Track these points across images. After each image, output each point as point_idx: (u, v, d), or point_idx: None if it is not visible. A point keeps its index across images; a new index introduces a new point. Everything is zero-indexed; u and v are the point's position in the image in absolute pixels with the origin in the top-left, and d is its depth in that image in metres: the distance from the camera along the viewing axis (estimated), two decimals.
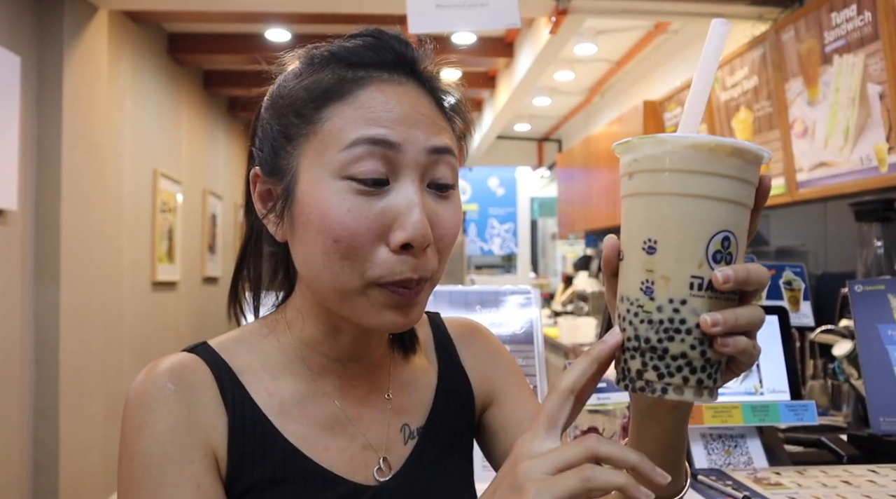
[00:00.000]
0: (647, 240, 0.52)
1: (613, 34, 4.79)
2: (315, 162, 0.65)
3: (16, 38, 3.07)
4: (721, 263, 0.51)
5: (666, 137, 0.52)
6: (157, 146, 4.67)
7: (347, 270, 0.64)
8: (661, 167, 0.52)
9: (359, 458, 0.71)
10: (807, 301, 1.50)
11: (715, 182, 0.51)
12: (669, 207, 0.52)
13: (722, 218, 0.51)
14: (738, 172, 0.51)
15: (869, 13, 2.59)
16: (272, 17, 4.26)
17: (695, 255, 0.51)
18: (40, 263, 3.26)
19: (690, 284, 0.51)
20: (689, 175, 0.51)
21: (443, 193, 0.68)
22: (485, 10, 1.51)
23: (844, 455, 1.37)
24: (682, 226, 0.51)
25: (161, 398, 0.66)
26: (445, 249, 0.69)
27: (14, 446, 3.09)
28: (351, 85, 0.67)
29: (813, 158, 3.00)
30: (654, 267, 0.52)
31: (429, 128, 0.67)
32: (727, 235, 0.52)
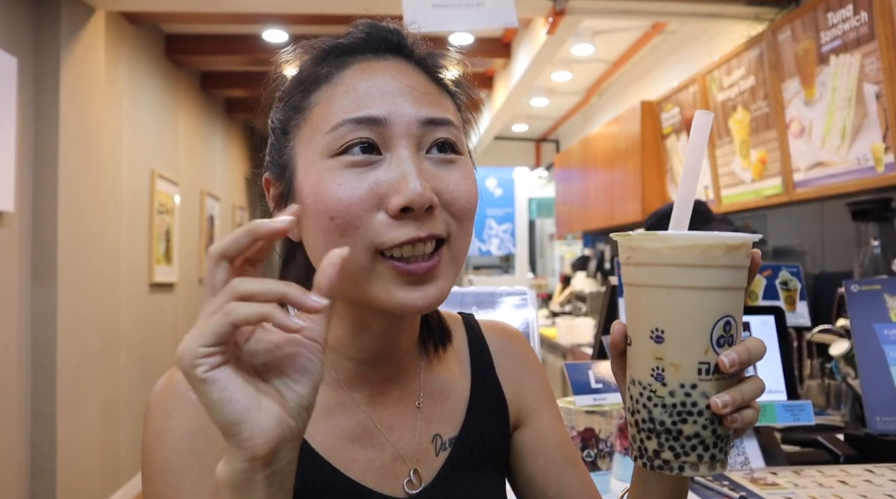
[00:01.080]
0: (655, 329, 0.56)
1: (611, 35, 4.80)
2: (307, 148, 0.65)
3: (12, 39, 3.07)
4: (724, 346, 0.56)
5: (667, 236, 0.56)
6: (154, 147, 4.67)
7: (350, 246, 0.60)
8: (662, 262, 0.56)
9: (388, 469, 0.69)
10: (803, 301, 1.50)
11: (713, 274, 0.55)
12: (674, 299, 0.55)
13: (722, 305, 0.56)
14: (733, 262, 0.56)
15: (865, 13, 2.59)
16: (269, 19, 4.26)
17: (700, 342, 0.55)
18: (37, 264, 3.25)
19: (699, 370, 0.55)
20: (690, 269, 0.55)
21: (446, 156, 0.65)
22: (481, 10, 1.51)
23: (841, 455, 1.37)
24: (686, 317, 0.55)
25: (180, 406, 0.64)
26: (462, 214, 0.65)
27: (11, 449, 3.08)
28: (335, 69, 0.66)
29: (810, 158, 3.01)
30: (663, 355, 0.56)
31: (418, 99, 0.65)
32: (728, 319, 0.56)
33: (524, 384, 0.82)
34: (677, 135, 4.30)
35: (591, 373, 1.30)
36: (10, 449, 3.08)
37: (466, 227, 0.66)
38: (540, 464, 0.79)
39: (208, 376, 0.47)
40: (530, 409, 0.82)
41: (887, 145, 2.56)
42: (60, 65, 3.30)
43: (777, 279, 1.50)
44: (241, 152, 7.00)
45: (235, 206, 6.78)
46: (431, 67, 0.70)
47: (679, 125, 4.26)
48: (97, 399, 3.71)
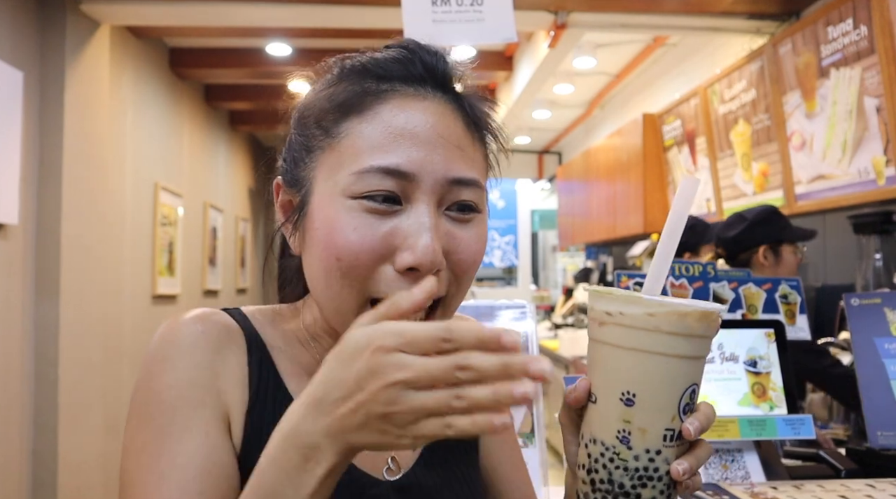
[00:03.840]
0: (626, 392, 0.55)
1: (612, 48, 4.82)
2: (329, 177, 0.64)
3: (18, 53, 3.10)
4: (688, 413, 0.56)
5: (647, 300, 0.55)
6: (158, 160, 4.69)
7: (347, 289, 0.62)
8: (639, 326, 0.55)
9: (368, 456, 0.70)
10: (803, 314, 1.50)
11: (689, 343, 0.55)
12: (649, 364, 0.55)
13: (691, 373, 0.56)
14: (705, 332, 0.56)
15: (865, 27, 2.61)
16: (273, 32, 4.29)
17: (670, 409, 0.55)
18: (40, 277, 3.26)
19: (664, 436, 0.55)
20: (669, 336, 0.54)
21: (463, 215, 0.65)
22: (481, 26, 1.52)
23: (843, 469, 1.37)
24: (661, 383, 0.55)
25: (190, 337, 0.65)
26: (464, 274, 0.65)
27: (13, 461, 3.08)
28: (372, 99, 0.64)
29: (811, 171, 3.01)
30: (632, 419, 0.55)
31: (450, 154, 0.63)
32: (694, 387, 0.56)
33: None
34: (679, 147, 4.31)
35: None
36: (12, 461, 3.08)
37: (465, 283, 0.67)
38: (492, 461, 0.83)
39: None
40: None
41: (888, 158, 2.57)
42: (65, 78, 3.33)
43: (777, 293, 1.50)
44: (244, 164, 7.03)
45: (239, 218, 6.79)
46: (472, 112, 0.68)
47: (681, 138, 4.27)
48: (99, 411, 3.71)
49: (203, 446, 0.61)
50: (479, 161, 0.68)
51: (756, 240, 2.26)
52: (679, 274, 1.50)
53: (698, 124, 4.02)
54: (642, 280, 1.49)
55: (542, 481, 1.30)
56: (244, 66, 4.90)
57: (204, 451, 0.61)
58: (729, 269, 1.57)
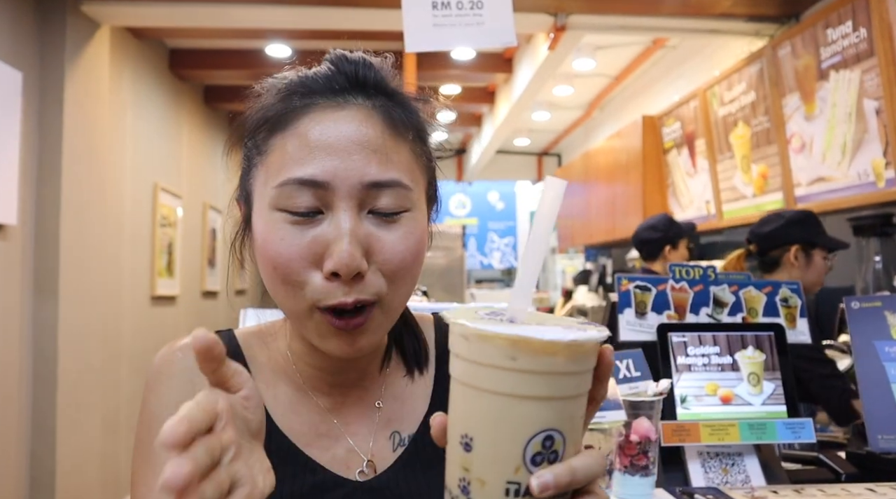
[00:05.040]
0: (464, 435, 0.47)
1: (612, 50, 4.82)
2: (262, 192, 0.69)
3: (18, 54, 3.09)
4: (543, 464, 0.46)
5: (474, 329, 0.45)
6: (157, 160, 4.69)
7: (291, 295, 0.67)
8: (473, 359, 0.46)
9: (342, 459, 0.73)
10: (803, 318, 1.50)
11: (538, 381, 0.44)
12: (485, 404, 0.46)
13: (542, 417, 0.45)
14: (563, 368, 0.45)
15: (864, 30, 2.61)
16: (272, 34, 4.29)
17: (511, 458, 0.45)
18: (39, 277, 3.26)
19: (506, 491, 0.46)
20: (503, 372, 0.44)
21: (387, 216, 0.67)
22: (481, 29, 1.52)
23: (843, 473, 1.37)
24: (497, 426, 0.46)
25: (169, 364, 0.73)
26: (394, 274, 0.67)
27: (11, 462, 3.08)
28: (294, 114, 0.68)
29: (811, 173, 3.01)
30: (470, 467, 0.47)
31: (368, 158, 0.66)
32: (550, 433, 0.46)
33: None
34: (678, 149, 4.31)
35: None
36: (10, 462, 3.07)
37: (401, 283, 0.69)
38: None
39: None
40: None
41: (888, 161, 2.57)
42: (65, 79, 3.33)
43: (777, 296, 1.50)
44: None
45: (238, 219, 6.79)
46: (395, 111, 0.70)
47: (680, 140, 4.27)
48: (98, 412, 3.70)
49: None
50: (402, 161, 0.69)
51: (790, 238, 2.23)
52: (679, 277, 1.50)
53: (698, 126, 4.02)
54: (642, 283, 1.49)
55: None
56: (244, 67, 4.90)
57: None
58: (731, 271, 1.57)
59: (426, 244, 0.73)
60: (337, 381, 0.76)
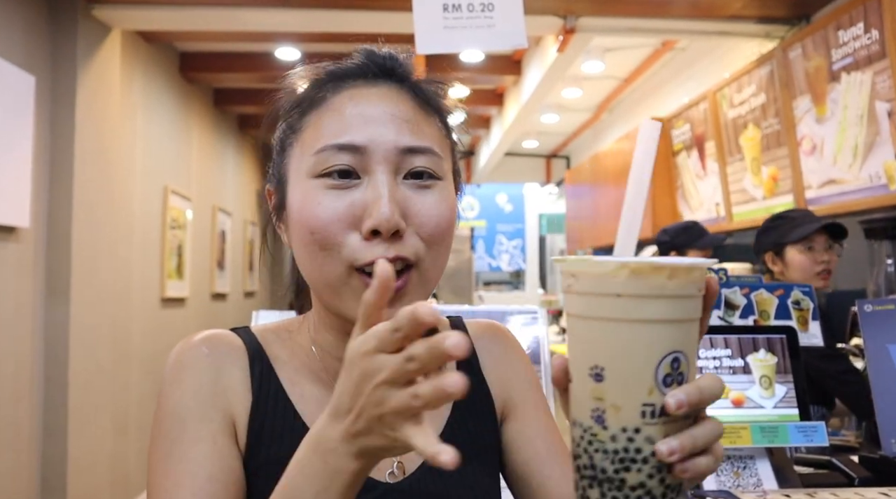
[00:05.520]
0: (594, 367, 0.50)
1: (621, 52, 4.81)
2: (298, 167, 0.71)
3: (31, 58, 3.12)
4: (672, 385, 0.49)
5: (603, 260, 0.49)
6: (167, 163, 4.72)
7: (328, 259, 0.68)
8: (600, 291, 0.49)
9: None
10: (816, 321, 1.49)
11: (660, 305, 0.48)
12: (613, 333, 0.49)
13: (669, 340, 0.49)
14: (681, 291, 0.49)
15: (876, 31, 2.59)
16: (282, 37, 4.31)
17: (644, 381, 0.49)
18: (51, 279, 3.28)
19: (642, 413, 0.49)
20: (631, 300, 0.48)
21: (422, 182, 0.70)
22: (491, 31, 1.52)
23: (856, 478, 1.36)
24: (628, 353, 0.49)
25: (194, 358, 0.72)
26: (432, 238, 0.69)
27: (23, 463, 3.10)
28: (329, 93, 0.72)
29: (822, 176, 2.99)
30: (604, 395, 0.50)
31: (400, 127, 0.69)
32: (676, 356, 0.49)
33: (509, 379, 0.85)
34: (688, 152, 4.29)
35: None
36: (22, 463, 3.09)
37: (437, 250, 0.70)
38: (522, 456, 0.81)
39: None
40: (515, 403, 0.84)
41: None
42: (77, 83, 3.35)
43: (789, 299, 1.49)
44: (252, 168, 7.06)
45: (247, 221, 6.82)
46: (422, 93, 0.75)
47: (690, 142, 4.26)
48: (108, 414, 3.72)
49: (212, 453, 0.67)
50: (432, 134, 0.72)
51: (761, 248, 2.31)
52: None
53: (707, 129, 4.00)
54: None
55: None
56: (253, 70, 4.92)
57: (213, 458, 0.67)
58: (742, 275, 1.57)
59: (457, 216, 0.75)
60: None
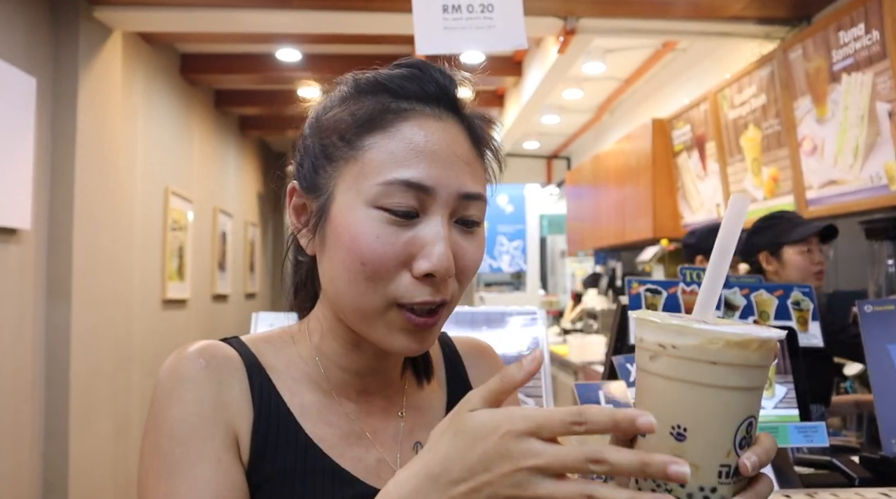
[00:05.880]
0: (676, 426, 0.53)
1: (622, 53, 4.81)
2: (352, 187, 0.69)
3: (32, 60, 3.12)
4: (745, 447, 0.53)
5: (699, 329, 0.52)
6: (168, 164, 4.72)
7: (371, 291, 0.68)
8: (695, 357, 0.52)
9: (373, 469, 0.73)
10: (815, 321, 1.49)
11: (745, 373, 0.52)
12: (702, 397, 0.52)
13: (748, 405, 0.53)
14: (761, 361, 0.53)
15: (877, 32, 2.59)
16: (283, 38, 4.31)
17: (724, 444, 0.52)
18: (52, 281, 3.28)
19: (719, 473, 0.52)
20: (724, 368, 0.51)
21: (469, 228, 0.71)
22: (492, 32, 1.52)
23: (856, 478, 1.35)
24: (714, 417, 0.52)
25: (193, 371, 0.69)
26: (465, 279, 0.72)
27: (24, 465, 3.10)
28: (393, 116, 0.70)
29: (822, 176, 2.99)
30: (683, 454, 0.52)
31: (462, 170, 0.70)
32: (751, 420, 0.53)
33: None
34: (689, 152, 4.29)
35: (601, 393, 1.29)
36: (23, 465, 3.09)
37: (465, 287, 0.74)
38: None
39: None
40: None
41: None
42: (78, 85, 3.36)
43: (789, 299, 1.49)
44: (253, 169, 7.06)
45: (248, 222, 6.82)
46: (475, 131, 0.75)
47: (690, 143, 4.26)
48: (109, 416, 3.73)
49: (216, 473, 0.66)
50: (482, 176, 0.75)
51: (755, 248, 2.31)
52: (690, 280, 1.49)
53: (708, 129, 4.00)
54: (653, 286, 1.49)
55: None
56: (254, 71, 4.93)
57: (218, 478, 0.66)
58: (742, 275, 1.57)
59: None
60: (364, 387, 0.77)
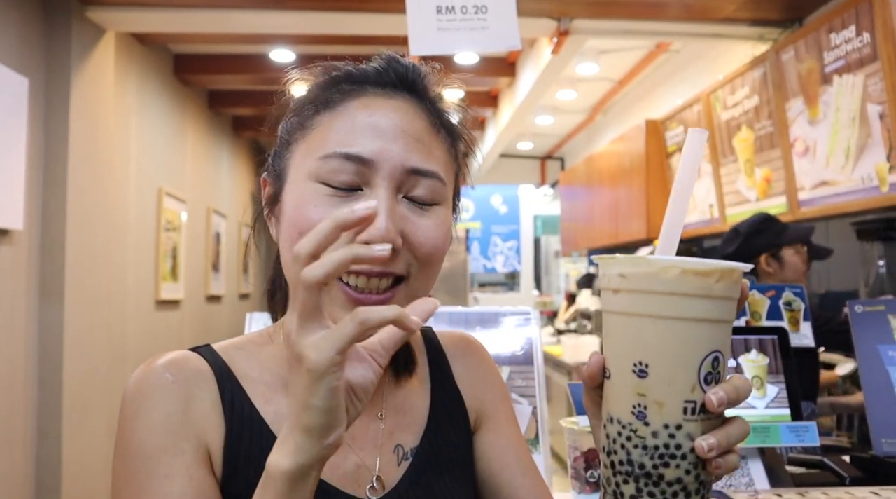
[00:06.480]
0: (638, 363, 0.51)
1: (615, 54, 4.83)
2: (300, 165, 0.69)
3: (24, 60, 3.11)
4: (712, 383, 0.51)
5: (657, 260, 0.51)
6: (162, 165, 4.71)
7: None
8: (651, 289, 0.51)
9: (352, 476, 0.71)
10: (807, 321, 1.50)
11: (706, 305, 0.50)
12: (662, 330, 0.51)
13: (712, 339, 0.51)
14: (726, 292, 0.51)
15: (868, 34, 2.61)
16: (276, 39, 4.31)
17: (688, 379, 0.51)
18: (45, 282, 3.27)
19: (684, 409, 0.51)
20: (682, 298, 0.50)
21: (422, 203, 0.69)
22: (485, 33, 1.53)
23: (847, 477, 1.36)
24: (674, 350, 0.51)
25: (158, 387, 0.67)
26: (426, 260, 0.68)
27: (17, 466, 3.09)
28: (342, 96, 0.70)
29: (814, 177, 3.01)
30: (647, 391, 0.51)
31: (410, 146, 0.68)
32: (717, 355, 0.51)
33: (481, 390, 0.85)
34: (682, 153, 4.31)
35: None
36: (16, 466, 3.08)
37: (429, 269, 0.70)
38: (494, 467, 0.81)
39: (336, 385, 0.51)
40: (488, 414, 0.84)
41: (891, 165, 2.57)
42: (71, 85, 3.34)
43: (781, 300, 1.50)
44: (247, 170, 7.05)
45: (242, 223, 6.81)
46: (437, 112, 0.73)
47: (683, 143, 4.27)
48: (103, 416, 3.71)
49: (189, 488, 0.64)
50: (440, 157, 0.71)
51: (754, 251, 2.30)
52: None
53: None
54: None
55: None
56: (247, 72, 4.92)
57: (190, 494, 0.64)
58: None
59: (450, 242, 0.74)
60: None
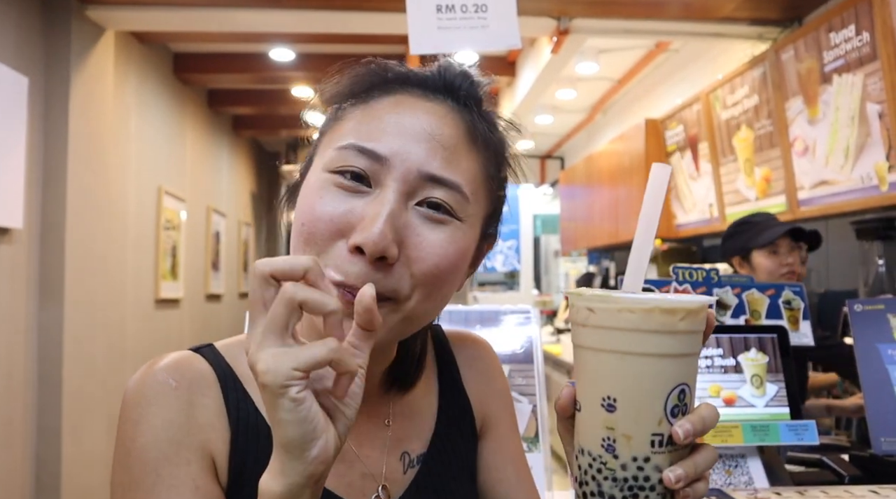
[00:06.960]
0: (606, 397, 0.53)
1: (615, 53, 4.83)
2: (322, 155, 0.67)
3: (24, 59, 3.11)
4: (678, 415, 0.53)
5: (622, 298, 0.52)
6: (161, 164, 4.71)
7: None
8: (617, 326, 0.52)
9: (357, 485, 0.70)
10: (806, 320, 1.50)
11: (672, 341, 0.52)
12: (628, 365, 0.52)
13: (678, 373, 0.52)
14: (691, 327, 0.52)
15: (867, 34, 2.61)
16: (276, 37, 4.31)
17: (654, 412, 0.52)
18: (44, 280, 3.27)
19: (652, 442, 0.52)
20: (647, 335, 0.51)
21: (435, 214, 0.63)
22: (485, 32, 1.53)
23: (846, 475, 1.37)
24: (641, 385, 0.52)
25: (161, 393, 0.64)
26: (423, 280, 0.62)
27: (17, 464, 3.09)
28: (379, 92, 0.67)
29: (814, 177, 3.01)
30: (615, 425, 0.52)
31: (434, 151, 0.63)
32: (683, 387, 0.53)
33: (488, 394, 0.84)
34: (682, 152, 4.31)
35: None
36: (16, 464, 3.08)
37: (426, 292, 0.63)
38: (494, 477, 0.81)
39: (299, 396, 0.49)
40: (492, 422, 0.84)
41: (891, 164, 2.57)
42: (70, 84, 3.34)
43: (780, 298, 1.50)
44: (247, 169, 7.05)
45: (241, 222, 6.80)
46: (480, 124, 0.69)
47: (683, 143, 4.27)
48: (102, 415, 3.71)
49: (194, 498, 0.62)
50: (469, 170, 0.66)
51: (727, 253, 2.43)
52: (682, 279, 1.50)
53: (701, 130, 4.02)
54: (646, 285, 1.49)
55: (545, 486, 1.31)
56: (247, 71, 4.92)
57: None
58: (733, 275, 1.58)
59: (466, 265, 0.67)
60: None
